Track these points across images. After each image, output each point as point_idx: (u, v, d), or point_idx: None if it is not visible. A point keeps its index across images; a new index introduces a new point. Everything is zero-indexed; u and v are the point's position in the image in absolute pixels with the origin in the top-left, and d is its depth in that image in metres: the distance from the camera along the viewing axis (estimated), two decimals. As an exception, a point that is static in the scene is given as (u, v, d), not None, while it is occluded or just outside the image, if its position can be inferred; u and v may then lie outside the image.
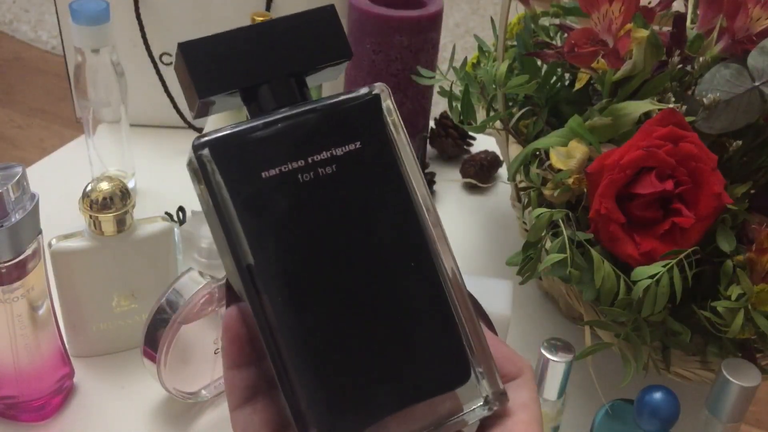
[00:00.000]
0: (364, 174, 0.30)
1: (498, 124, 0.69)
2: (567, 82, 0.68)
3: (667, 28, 0.62)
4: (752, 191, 0.58)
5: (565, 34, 0.63)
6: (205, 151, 0.29)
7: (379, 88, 0.32)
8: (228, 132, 0.30)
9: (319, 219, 0.29)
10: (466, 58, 0.78)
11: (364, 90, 0.31)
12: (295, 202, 0.29)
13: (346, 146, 0.30)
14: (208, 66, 0.31)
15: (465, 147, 0.96)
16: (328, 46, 0.33)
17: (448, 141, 0.95)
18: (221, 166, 0.29)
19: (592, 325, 0.58)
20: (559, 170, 0.58)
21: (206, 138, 0.29)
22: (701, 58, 0.59)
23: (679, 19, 0.61)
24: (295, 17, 0.32)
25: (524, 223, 0.67)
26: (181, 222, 0.74)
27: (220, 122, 0.77)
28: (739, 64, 0.56)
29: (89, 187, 0.61)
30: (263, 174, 0.29)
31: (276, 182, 0.29)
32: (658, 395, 0.52)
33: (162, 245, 0.64)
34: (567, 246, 0.55)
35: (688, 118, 0.56)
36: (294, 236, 0.29)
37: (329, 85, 0.92)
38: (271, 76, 0.32)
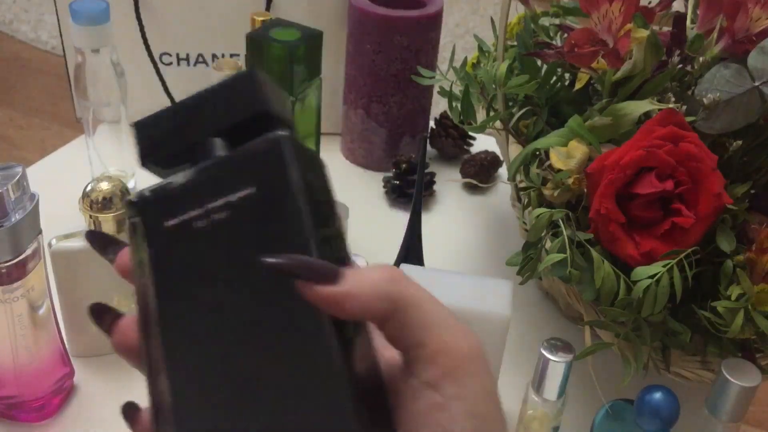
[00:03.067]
0: (257, 220, 0.30)
1: (498, 124, 0.69)
2: (567, 82, 0.68)
3: (667, 28, 0.62)
4: (752, 191, 0.58)
5: (565, 34, 0.63)
6: (126, 205, 0.32)
7: (282, 135, 0.31)
8: (151, 188, 0.32)
9: (210, 266, 0.30)
10: (466, 58, 0.78)
11: (267, 136, 0.31)
12: (190, 249, 0.30)
13: (241, 192, 0.30)
14: (146, 140, 0.34)
15: (465, 147, 0.96)
16: (245, 106, 0.33)
17: (448, 141, 0.95)
18: (138, 217, 0.32)
19: (592, 325, 0.58)
20: (559, 170, 0.58)
21: (132, 198, 0.32)
22: (701, 58, 0.59)
23: (679, 19, 0.61)
24: (217, 86, 0.33)
25: (524, 223, 0.67)
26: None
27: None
28: (739, 64, 0.56)
29: (89, 187, 0.61)
30: (166, 223, 0.31)
31: (176, 230, 0.31)
32: (658, 395, 0.52)
33: (162, 245, 0.64)
34: (567, 246, 0.55)
35: (688, 118, 0.56)
36: (184, 283, 0.30)
37: (329, 84, 0.92)
38: (194, 140, 0.33)
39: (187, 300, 0.30)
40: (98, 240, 0.36)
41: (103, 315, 0.34)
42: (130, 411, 0.33)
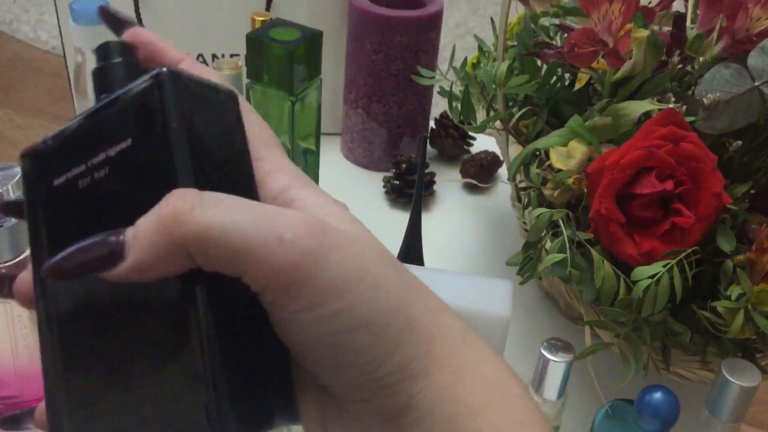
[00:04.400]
0: (134, 174, 0.27)
1: (498, 124, 0.69)
2: (567, 82, 0.68)
3: (667, 28, 0.62)
4: (752, 191, 0.58)
5: (565, 34, 0.63)
6: (21, 161, 0.30)
7: (162, 75, 0.27)
8: (38, 143, 0.30)
9: (93, 227, 0.27)
10: (466, 58, 0.78)
11: (142, 79, 0.27)
12: (75, 209, 0.28)
13: (118, 145, 0.27)
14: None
15: (465, 147, 0.96)
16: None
17: (448, 141, 0.95)
18: (28, 176, 0.30)
19: (592, 325, 0.58)
20: (559, 170, 0.58)
21: (23, 151, 0.30)
22: (701, 58, 0.59)
23: (679, 19, 0.61)
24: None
25: (524, 223, 0.67)
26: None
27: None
28: (739, 64, 0.56)
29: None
30: (54, 182, 0.29)
31: (62, 190, 0.28)
32: (658, 395, 0.52)
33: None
34: (567, 246, 0.55)
35: (688, 118, 0.56)
36: (69, 244, 0.27)
37: (329, 84, 0.92)
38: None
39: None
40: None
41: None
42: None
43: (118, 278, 0.25)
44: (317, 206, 0.29)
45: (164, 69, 0.27)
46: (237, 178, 0.28)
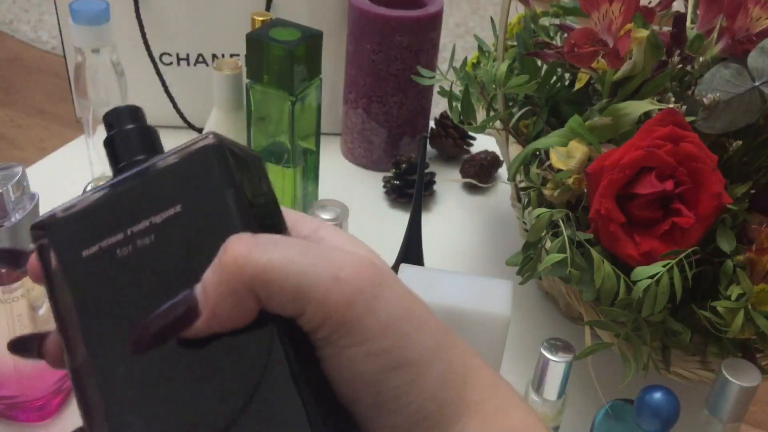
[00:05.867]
0: (184, 241, 0.27)
1: (498, 124, 0.69)
2: (567, 82, 0.68)
3: (667, 28, 0.62)
4: (752, 191, 0.58)
5: (565, 34, 0.63)
6: (43, 240, 0.29)
7: (210, 139, 0.28)
8: (60, 210, 0.29)
9: (138, 297, 0.27)
10: (466, 58, 0.78)
11: (193, 142, 0.28)
12: (114, 279, 0.27)
13: (165, 212, 0.27)
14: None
15: (465, 147, 0.96)
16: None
17: (448, 141, 0.95)
18: (47, 247, 0.29)
19: (592, 325, 0.58)
20: (559, 170, 0.58)
21: (41, 220, 0.29)
22: (701, 58, 0.59)
23: (679, 19, 0.61)
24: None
25: (524, 223, 0.67)
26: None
27: (219, 123, 0.77)
28: (739, 64, 0.56)
29: (89, 187, 0.61)
30: (84, 253, 0.28)
31: (95, 260, 0.28)
32: (658, 395, 0.52)
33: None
34: (567, 246, 0.55)
35: (688, 118, 0.56)
36: (113, 318, 0.27)
37: (329, 84, 0.92)
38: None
39: (114, 334, 0.27)
40: (6, 258, 0.33)
41: (26, 346, 0.31)
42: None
43: (199, 334, 0.26)
44: (348, 245, 0.30)
45: (210, 135, 0.28)
46: (276, 227, 0.29)
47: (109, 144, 0.30)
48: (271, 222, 0.29)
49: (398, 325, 0.27)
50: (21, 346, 0.31)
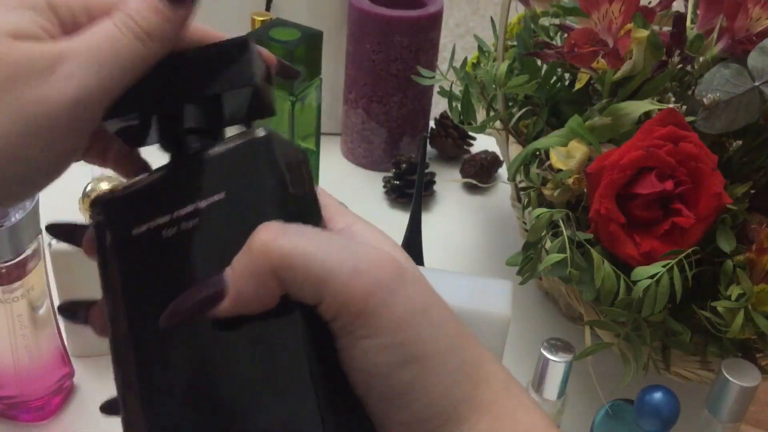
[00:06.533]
0: (224, 227, 0.28)
1: (498, 124, 0.69)
2: (567, 82, 0.68)
3: (667, 28, 0.62)
4: (752, 191, 0.58)
5: (565, 34, 0.63)
6: (101, 217, 0.31)
7: (260, 132, 0.30)
8: (118, 189, 0.31)
9: (178, 277, 0.29)
10: (466, 58, 0.78)
11: (244, 134, 0.30)
12: (158, 259, 0.29)
13: (210, 198, 0.29)
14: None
15: (465, 147, 0.96)
16: (231, 75, 0.31)
17: (448, 141, 0.95)
18: (103, 224, 0.31)
19: (592, 325, 0.58)
20: (559, 170, 0.58)
21: (100, 197, 0.31)
22: (701, 58, 0.59)
23: (679, 19, 0.61)
24: (207, 48, 0.32)
25: (524, 223, 0.67)
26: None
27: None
28: (739, 64, 0.56)
29: (89, 187, 0.61)
30: (133, 231, 0.30)
31: (143, 239, 0.29)
32: (658, 395, 0.52)
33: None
34: (567, 246, 0.55)
35: (688, 118, 0.56)
36: (153, 295, 0.29)
37: (329, 84, 0.92)
38: (167, 103, 0.31)
39: (152, 310, 0.29)
40: (61, 230, 0.34)
41: (75, 310, 0.33)
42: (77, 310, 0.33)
43: (223, 314, 0.27)
44: (378, 242, 0.31)
45: (261, 129, 0.29)
46: (311, 219, 0.30)
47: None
48: (307, 215, 0.30)
49: (413, 321, 0.28)
50: (70, 310, 0.33)
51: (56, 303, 0.61)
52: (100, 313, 0.32)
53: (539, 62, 0.66)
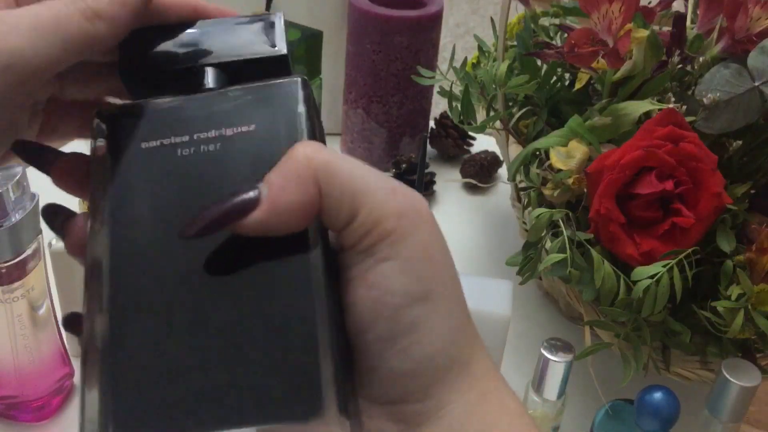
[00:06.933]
0: (249, 157, 0.28)
1: (498, 124, 0.69)
2: (567, 82, 0.68)
3: (667, 28, 0.62)
4: (752, 191, 0.58)
5: (565, 34, 0.63)
6: (97, 120, 0.30)
7: (299, 76, 0.30)
8: (126, 104, 0.30)
9: (183, 197, 0.27)
10: (466, 58, 0.78)
11: (287, 78, 0.30)
12: (165, 174, 0.28)
13: (238, 127, 0.28)
14: (134, 49, 0.31)
15: (465, 147, 0.96)
16: (258, 47, 0.31)
17: (448, 141, 0.95)
18: (109, 133, 0.29)
19: (592, 325, 0.58)
20: (559, 170, 0.58)
21: (105, 108, 0.30)
22: (701, 58, 0.59)
23: (679, 19, 0.61)
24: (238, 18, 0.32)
25: (524, 223, 0.67)
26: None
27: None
28: (739, 64, 0.56)
29: (89, 187, 0.61)
30: (143, 144, 0.29)
31: (153, 153, 0.28)
32: (658, 395, 0.52)
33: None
34: (567, 246, 0.55)
35: (688, 118, 0.56)
36: (150, 212, 0.27)
37: (329, 84, 0.92)
38: (194, 64, 0.31)
39: (151, 228, 0.27)
40: (27, 149, 0.32)
41: (56, 213, 0.31)
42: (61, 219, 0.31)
43: (254, 226, 0.26)
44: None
45: (299, 75, 0.29)
46: None
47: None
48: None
49: (436, 256, 0.28)
50: (51, 212, 0.31)
51: (56, 303, 0.61)
52: (80, 228, 0.30)
53: (539, 62, 0.66)
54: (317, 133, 0.29)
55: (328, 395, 0.25)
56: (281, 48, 0.31)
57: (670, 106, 0.56)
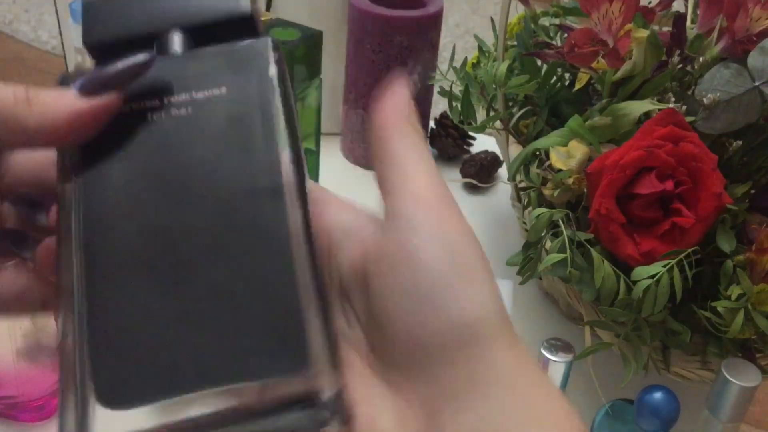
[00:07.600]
0: (222, 120, 0.27)
1: (498, 124, 0.69)
2: (567, 82, 0.68)
3: (667, 28, 0.62)
4: (752, 191, 0.58)
5: (565, 34, 0.63)
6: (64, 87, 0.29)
7: (269, 37, 0.29)
8: (91, 69, 0.29)
9: (157, 162, 0.27)
10: (466, 58, 0.78)
11: (255, 39, 0.29)
12: (137, 138, 0.27)
13: (209, 90, 0.28)
14: (97, 16, 0.30)
15: (465, 147, 0.96)
16: (222, 6, 0.30)
17: (448, 141, 0.95)
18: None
19: (592, 325, 0.58)
20: (559, 170, 0.58)
21: (65, 74, 0.29)
22: (701, 58, 0.59)
23: (679, 19, 0.61)
24: None
25: (524, 223, 0.67)
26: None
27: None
28: (739, 64, 0.56)
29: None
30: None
31: (122, 119, 0.28)
32: (658, 395, 0.52)
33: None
34: (567, 246, 0.55)
35: (688, 118, 0.56)
36: (123, 177, 0.27)
37: (329, 84, 0.92)
38: (158, 29, 0.30)
39: (119, 196, 0.27)
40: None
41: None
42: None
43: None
44: None
45: (269, 36, 0.29)
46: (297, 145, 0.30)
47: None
48: (296, 135, 0.29)
49: (466, 229, 0.29)
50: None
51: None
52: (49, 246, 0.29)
53: (539, 62, 0.66)
54: (288, 95, 0.29)
55: (314, 348, 0.24)
56: (246, 6, 0.30)
57: (670, 106, 0.56)
